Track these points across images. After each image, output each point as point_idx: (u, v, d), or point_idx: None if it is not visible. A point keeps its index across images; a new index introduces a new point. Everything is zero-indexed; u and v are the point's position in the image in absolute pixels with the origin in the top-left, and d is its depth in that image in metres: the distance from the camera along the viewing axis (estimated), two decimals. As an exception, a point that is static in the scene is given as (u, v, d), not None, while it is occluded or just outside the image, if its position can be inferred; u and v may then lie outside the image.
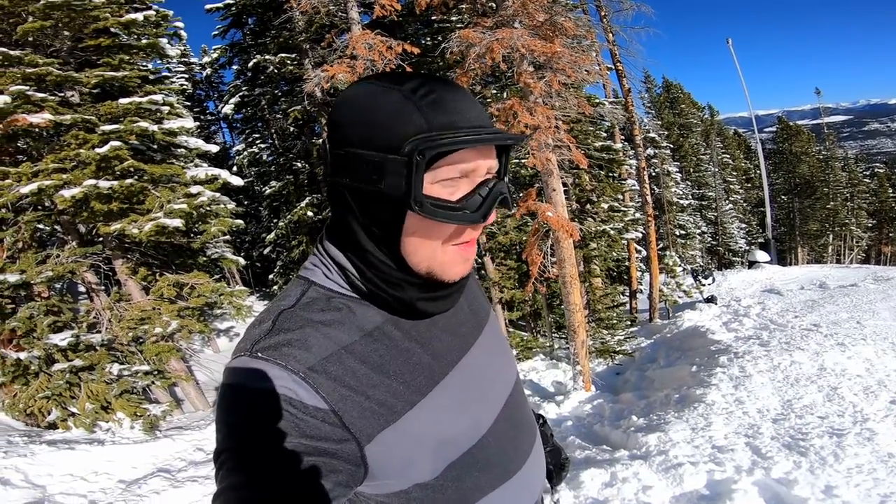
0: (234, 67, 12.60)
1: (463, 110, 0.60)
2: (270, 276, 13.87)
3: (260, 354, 0.58)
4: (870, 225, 31.63)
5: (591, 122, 9.45)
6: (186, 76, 13.52)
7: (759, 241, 29.63)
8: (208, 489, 4.92)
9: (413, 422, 0.64)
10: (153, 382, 7.02)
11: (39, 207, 6.94)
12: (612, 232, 10.41)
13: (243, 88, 11.82)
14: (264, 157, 12.82)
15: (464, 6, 5.79)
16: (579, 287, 7.02)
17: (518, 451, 0.79)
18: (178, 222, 6.43)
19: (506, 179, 0.69)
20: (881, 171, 35.64)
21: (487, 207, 0.62)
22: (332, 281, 0.68)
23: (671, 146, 22.05)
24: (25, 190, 5.95)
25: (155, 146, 7.42)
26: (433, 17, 6.89)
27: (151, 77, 7.22)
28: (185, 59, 11.57)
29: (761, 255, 22.81)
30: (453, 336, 0.74)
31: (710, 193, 27.50)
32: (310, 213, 11.27)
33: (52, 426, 6.39)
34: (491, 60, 4.69)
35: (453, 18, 6.91)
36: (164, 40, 6.94)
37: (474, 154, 0.60)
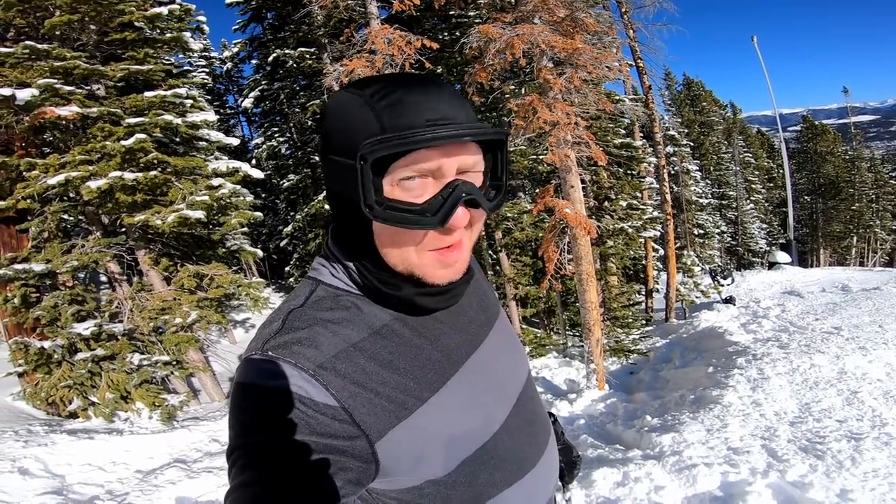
0: (254, 62, 12.75)
1: (424, 108, 0.58)
2: (287, 269, 14.05)
3: (270, 353, 0.59)
4: (895, 227, 30.83)
5: (610, 118, 9.36)
6: (207, 70, 13.73)
7: (781, 241, 29.09)
8: (223, 480, 5.01)
9: (424, 418, 0.65)
10: (172, 373, 7.16)
11: (65, 198, 7.12)
12: (630, 230, 10.32)
13: (262, 83, 11.96)
14: (283, 151, 12.98)
15: (482, 1, 5.78)
16: (595, 285, 6.98)
17: (532, 448, 0.80)
18: (200, 214, 6.55)
19: (504, 177, 0.68)
20: (909, 172, 34.71)
21: (446, 211, 0.59)
22: (339, 279, 0.69)
23: (691, 144, 21.73)
24: (53, 181, 6.10)
25: (178, 139, 7.55)
26: (451, 12, 6.89)
27: (175, 71, 7.35)
28: (206, 54, 11.74)
29: (782, 257, 22.35)
30: (463, 333, 0.74)
31: (730, 193, 27.07)
32: (327, 207, 11.34)
33: (73, 415, 6.53)
34: (511, 56, 4.68)
35: (471, 13, 6.89)
36: (188, 34, 7.05)
37: (436, 153, 0.58)
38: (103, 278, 11.03)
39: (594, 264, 7.34)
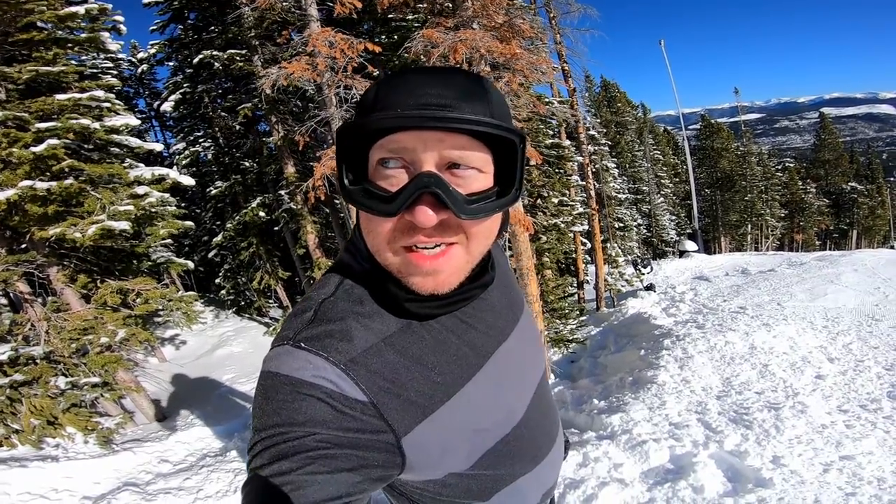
0: (171, 64, 11.96)
1: (419, 93, 0.55)
2: (217, 281, 13.29)
3: (303, 344, 0.59)
4: (783, 215, 34.42)
5: (540, 120, 9.79)
6: (115, 73, 12.65)
7: (688, 231, 31.52)
8: (183, 501, 4.73)
9: (450, 413, 0.64)
10: (102, 395, 6.59)
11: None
12: (562, 225, 10.86)
13: (184, 85, 11.23)
14: (208, 157, 12.25)
15: (422, 5, 5.85)
16: (535, 279, 7.29)
17: (546, 437, 0.82)
18: (124, 225, 6.08)
19: (519, 190, 0.60)
20: (791, 165, 38.98)
21: (402, 200, 0.54)
22: (366, 269, 0.67)
23: (609, 143, 23.10)
24: (-52, 194, 5.42)
25: (91, 145, 6.93)
26: (390, 16, 6.90)
27: (87, 73, 6.74)
28: (113, 56, 10.82)
29: (690, 245, 24.23)
30: (490, 328, 0.74)
31: (644, 188, 29.05)
32: (261, 214, 10.89)
33: None
34: (454, 60, 4.79)
35: (409, 17, 6.94)
36: (105, 34, 6.51)
37: (411, 138, 0.54)
38: (2, 300, 9.88)
39: (532, 259, 7.65)
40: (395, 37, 7.32)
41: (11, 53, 6.11)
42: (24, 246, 6.88)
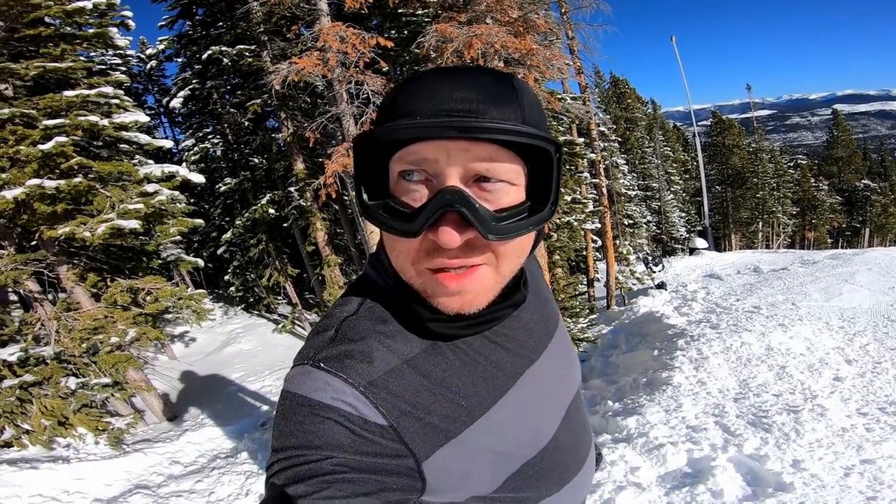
0: (180, 60, 11.97)
1: (443, 98, 0.50)
2: (226, 277, 13.32)
3: (322, 365, 0.57)
4: (794, 212, 34.11)
5: (553, 117, 9.68)
6: (123, 69, 12.70)
7: (698, 228, 31.28)
8: (195, 504, 4.71)
9: (474, 436, 0.62)
10: (112, 395, 6.60)
11: (-30, 210, 6.34)
12: (574, 223, 10.76)
13: (193, 81, 11.23)
14: (217, 153, 12.27)
15: (433, 0, 5.77)
16: (548, 277, 7.21)
17: (575, 458, 0.78)
18: (134, 223, 6.07)
19: (555, 205, 0.55)
20: (803, 162, 38.56)
21: (423, 219, 0.50)
22: (389, 286, 0.65)
23: (619, 140, 22.93)
24: (-42, 192, 5.42)
25: (100, 142, 6.93)
26: (400, 11, 6.83)
27: (95, 69, 6.73)
28: (121, 52, 10.85)
29: (700, 242, 24.03)
30: (521, 347, 0.70)
31: (653, 184, 28.82)
32: (270, 211, 10.90)
33: (7, 445, 5.93)
34: (468, 56, 4.71)
35: (419, 12, 6.87)
36: (114, 30, 6.49)
37: (432, 148, 0.49)
38: (13, 298, 9.94)
39: (545, 257, 7.57)
40: (406, 32, 7.24)
41: (18, 50, 6.10)
42: (34, 244, 6.89)
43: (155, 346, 9.34)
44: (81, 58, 6.61)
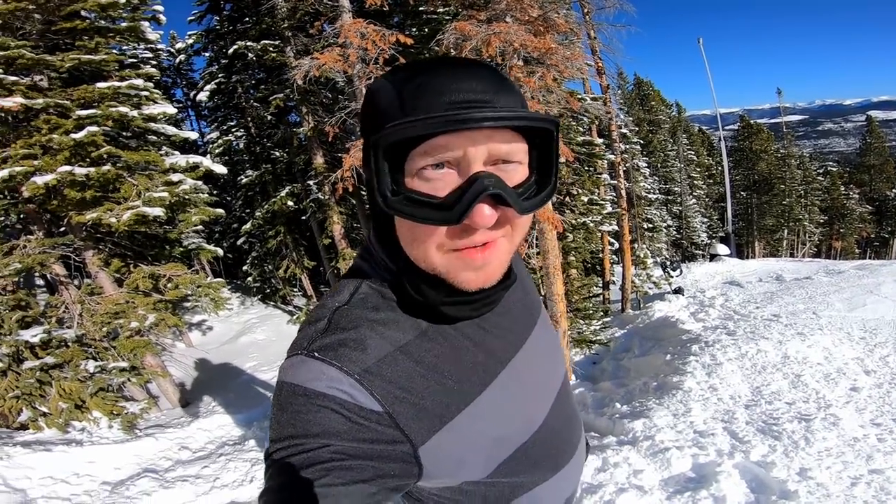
0: (207, 54, 12.23)
1: (453, 90, 0.53)
2: (244, 268, 13.58)
3: (317, 354, 0.58)
4: (822, 221, 33.21)
5: (571, 117, 9.63)
6: (154, 62, 13.05)
7: (720, 234, 30.74)
8: (200, 489, 4.81)
9: (467, 421, 0.63)
10: (129, 379, 6.79)
11: (3, 195, 6.60)
12: (590, 224, 10.69)
13: (219, 75, 11.47)
14: (239, 146, 12.51)
15: (453, -3, 5.80)
16: (561, 278, 7.20)
17: (567, 444, 0.80)
18: (158, 211, 6.24)
19: (553, 172, 0.60)
20: (833, 169, 37.49)
21: (464, 206, 0.52)
22: (382, 276, 0.66)
23: (641, 142, 22.63)
24: (-6, 177, 5.65)
25: (129, 133, 7.14)
26: (420, 8, 6.87)
27: (127, 62, 6.94)
28: (152, 45, 11.16)
29: (722, 249, 23.56)
30: (507, 333, 0.72)
31: (675, 188, 28.39)
32: (289, 203, 11.08)
33: (24, 427, 6.11)
34: (486, 54, 4.73)
35: (440, 10, 6.90)
36: (145, 24, 6.68)
37: (457, 139, 0.52)
38: (40, 282, 10.30)
39: (559, 258, 7.55)
40: (426, 29, 7.29)
41: (55, 42, 6.31)
42: (62, 230, 7.14)
43: (173, 333, 9.57)
44: (114, 51, 6.84)
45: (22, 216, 7.25)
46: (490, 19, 5.09)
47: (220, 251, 8.55)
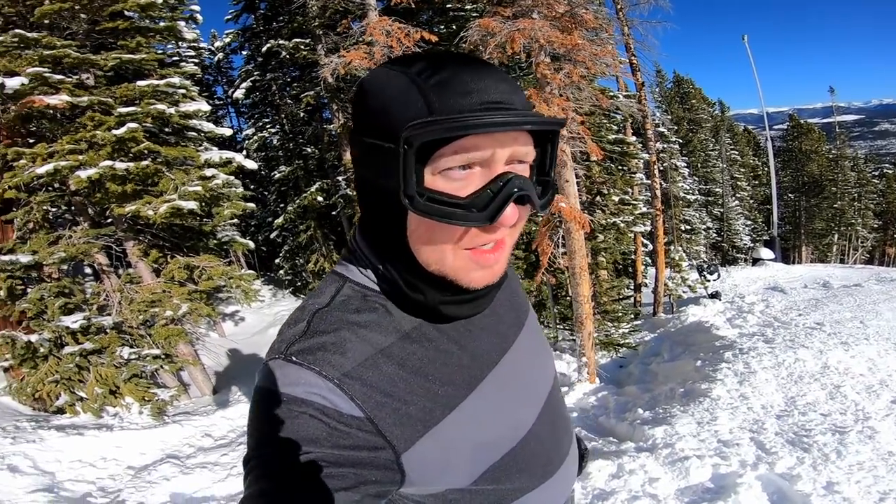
0: (245, 53, 12.61)
1: (478, 89, 0.52)
2: (276, 261, 13.95)
3: (294, 358, 0.56)
4: (876, 226, 31.52)
5: (604, 114, 9.43)
6: (196, 61, 13.58)
7: (764, 238, 29.51)
8: (217, 475, 4.94)
9: (451, 427, 0.62)
10: (162, 367, 7.08)
11: (52, 188, 6.99)
12: (621, 225, 10.44)
13: (255, 73, 11.83)
14: (274, 142, 12.87)
15: (481, -6, 5.77)
16: (588, 279, 7.06)
17: (557, 451, 0.78)
18: (192, 204, 6.47)
19: (552, 173, 0.62)
20: (890, 171, 35.42)
21: (496, 207, 0.53)
22: (366, 277, 0.65)
23: (680, 141, 21.95)
24: (41, 171, 5.99)
25: (169, 129, 7.45)
26: (448, 5, 6.85)
27: (167, 60, 7.23)
28: (195, 44, 11.60)
29: (766, 253, 22.66)
30: (493, 335, 0.71)
31: (717, 189, 27.41)
32: (319, 199, 11.31)
33: (60, 411, 6.42)
34: (511, 50, 4.68)
35: (468, 7, 6.87)
36: (182, 23, 6.94)
37: (487, 140, 0.52)
38: (88, 270, 10.86)
39: (587, 258, 7.42)
40: (454, 26, 7.28)
41: (100, 41, 6.64)
42: (109, 221, 7.50)
43: (207, 323, 9.92)
44: (157, 50, 7.13)
45: (72, 207, 7.66)
46: (516, 15, 5.03)
47: (251, 244, 8.80)
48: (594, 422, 5.80)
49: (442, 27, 7.57)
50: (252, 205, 7.92)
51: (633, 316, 10.43)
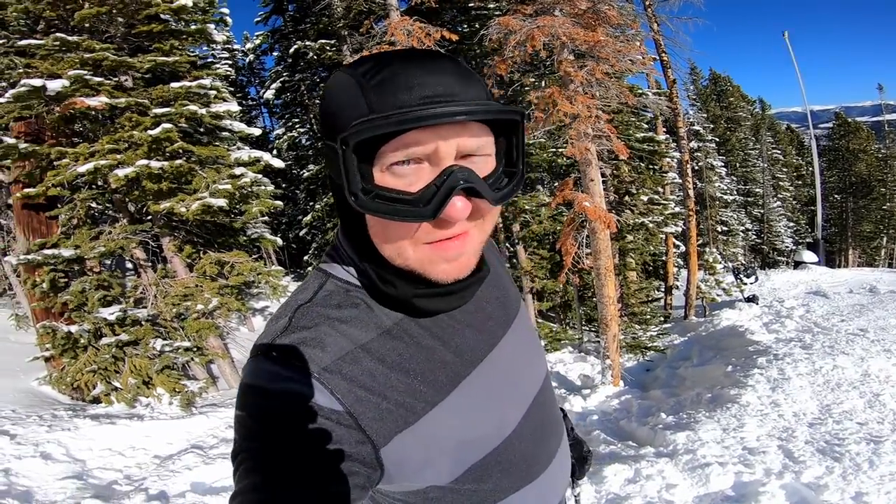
0: (275, 54, 12.90)
1: (420, 84, 0.52)
2: (305, 258, 14.24)
3: (275, 354, 0.58)
4: (930, 228, 29.72)
5: (632, 112, 9.20)
6: (230, 62, 13.99)
7: (808, 240, 28.31)
8: (237, 467, 5.06)
9: (433, 423, 0.62)
10: (193, 359, 7.31)
11: (94, 186, 7.32)
12: (650, 225, 10.16)
13: (284, 74, 12.10)
14: (303, 142, 13.13)
15: (503, -7, 5.74)
16: (613, 280, 6.92)
17: (544, 453, 0.77)
18: (222, 202, 6.67)
19: (520, 163, 0.60)
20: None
21: (438, 201, 0.52)
22: (349, 273, 0.66)
23: (717, 140, 21.24)
24: (82, 169, 6.28)
25: (202, 129, 7.70)
26: (470, 4, 6.83)
27: (199, 62, 7.47)
28: (229, 46, 11.96)
29: (809, 256, 21.71)
30: (479, 331, 0.70)
31: (757, 190, 26.41)
32: (346, 198, 11.46)
33: (96, 400, 6.66)
34: (531, 48, 4.63)
35: (490, 6, 6.83)
36: (212, 26, 7.16)
37: (429, 134, 0.51)
38: (129, 265, 11.35)
39: (613, 259, 7.28)
40: (477, 25, 7.26)
41: (136, 44, 6.92)
42: (147, 217, 7.83)
43: (238, 318, 10.18)
44: (191, 52, 7.38)
45: (112, 204, 8.02)
46: (537, 13, 4.97)
47: (280, 241, 8.99)
48: (615, 425, 5.68)
49: (465, 26, 7.56)
50: (280, 203, 8.10)
51: (662, 319, 10.16)
